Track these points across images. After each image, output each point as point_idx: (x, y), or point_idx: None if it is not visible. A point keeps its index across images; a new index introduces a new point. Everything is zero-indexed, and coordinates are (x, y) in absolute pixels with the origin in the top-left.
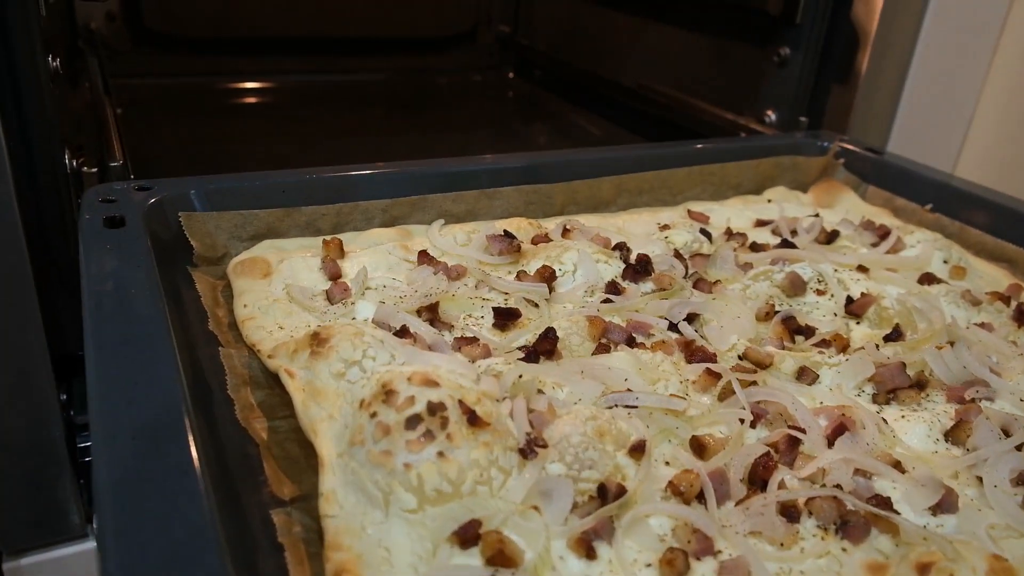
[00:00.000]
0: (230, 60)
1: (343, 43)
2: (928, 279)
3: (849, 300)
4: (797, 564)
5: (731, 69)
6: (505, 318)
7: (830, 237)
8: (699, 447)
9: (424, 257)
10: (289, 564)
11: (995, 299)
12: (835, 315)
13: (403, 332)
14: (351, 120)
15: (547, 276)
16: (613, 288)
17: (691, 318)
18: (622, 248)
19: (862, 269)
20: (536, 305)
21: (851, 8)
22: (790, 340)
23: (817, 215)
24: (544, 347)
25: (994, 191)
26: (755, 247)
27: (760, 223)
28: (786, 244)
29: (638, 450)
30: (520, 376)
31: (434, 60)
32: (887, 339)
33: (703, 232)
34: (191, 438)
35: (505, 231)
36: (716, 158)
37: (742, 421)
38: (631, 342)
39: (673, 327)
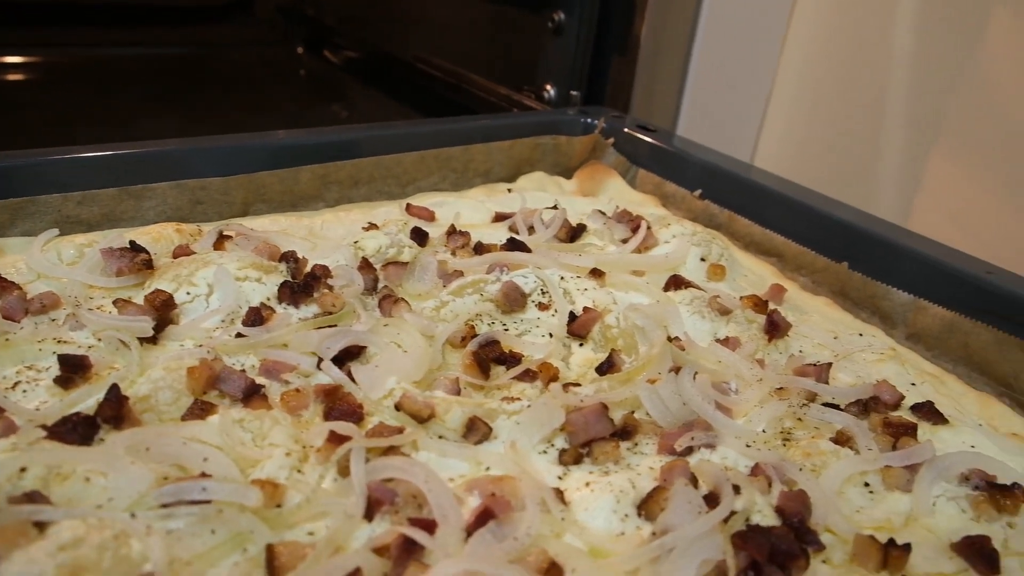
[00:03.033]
0: None
1: (95, 10)
2: (676, 282)
3: (572, 317)
4: None
5: (509, 40)
6: (71, 370)
7: (574, 232)
8: (272, 565)
9: None
10: None
11: (749, 305)
12: (550, 337)
13: None
14: (110, 102)
15: (158, 304)
16: (256, 316)
17: (355, 352)
18: (289, 259)
19: (596, 274)
20: (130, 348)
21: None
22: (483, 375)
23: (555, 206)
24: (106, 413)
25: (767, 173)
26: (479, 248)
27: (500, 217)
28: (514, 244)
29: None
30: (22, 471)
31: (208, 33)
32: (600, 370)
33: (416, 232)
34: None
35: (132, 243)
36: (460, 138)
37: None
38: (251, 395)
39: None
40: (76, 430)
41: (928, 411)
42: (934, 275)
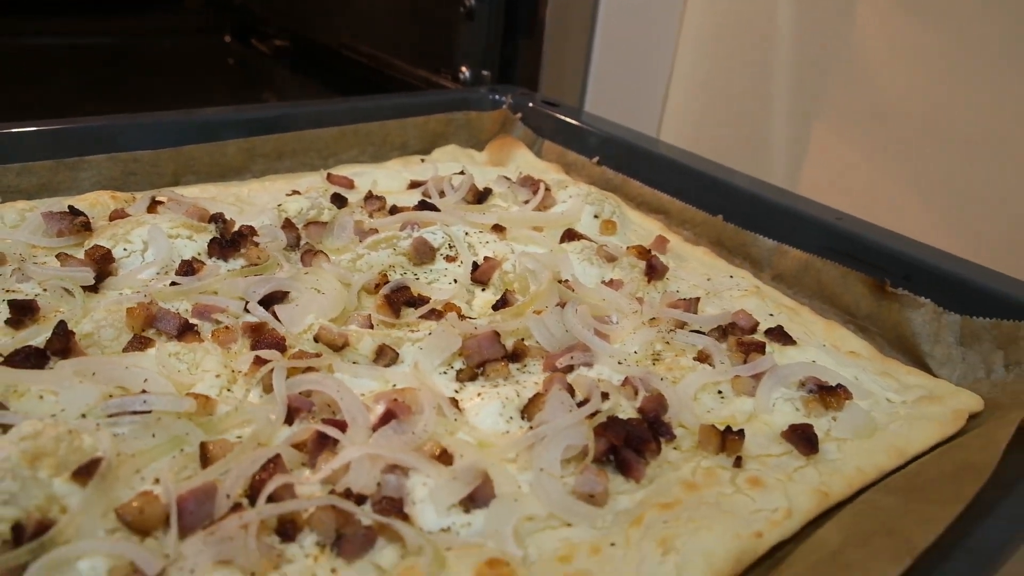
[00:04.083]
0: None
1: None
2: (570, 235)
3: (475, 267)
4: None
5: (425, 24)
6: (20, 313)
7: (481, 196)
8: (206, 457)
9: None
10: None
11: (633, 253)
12: (455, 283)
13: None
14: (39, 92)
15: (97, 258)
16: (188, 268)
17: (278, 297)
18: (218, 220)
19: (498, 229)
20: (73, 295)
21: None
22: (393, 314)
23: (463, 172)
24: (55, 346)
25: (654, 140)
26: (394, 210)
27: (414, 184)
28: (426, 206)
29: (83, 474)
30: None
31: (135, 23)
32: (496, 307)
33: (336, 197)
34: None
35: (70, 207)
36: (377, 115)
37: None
38: (184, 331)
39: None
40: (29, 359)
41: (778, 334)
42: (793, 222)
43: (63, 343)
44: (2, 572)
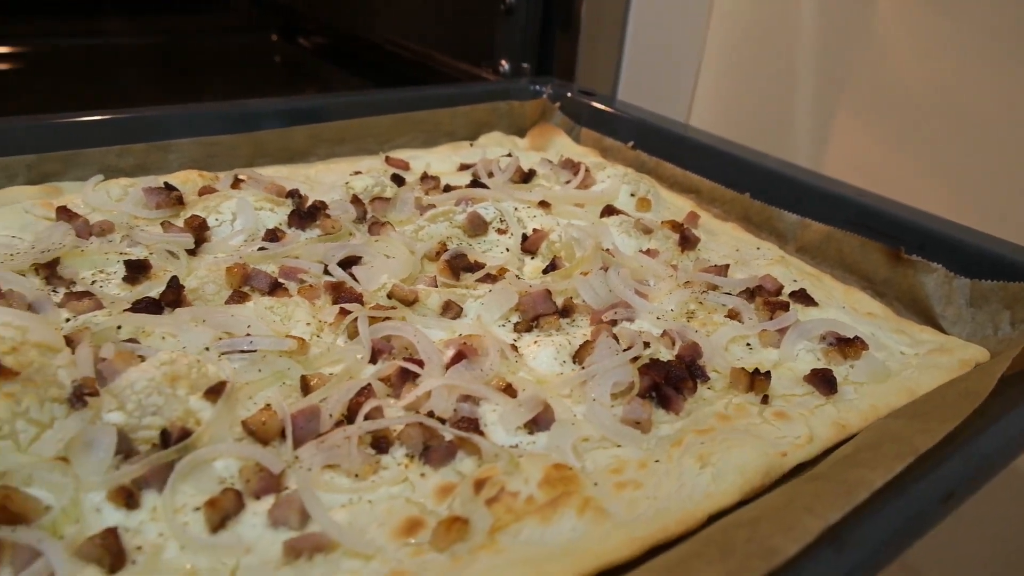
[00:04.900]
0: None
1: (84, 3)
2: (609, 211)
3: (525, 238)
4: (368, 493)
5: (467, 21)
6: (136, 271)
7: (526, 176)
8: (306, 387)
9: (63, 213)
10: None
11: (667, 227)
12: (507, 251)
13: None
14: (92, 90)
15: (196, 226)
16: (272, 235)
17: (351, 261)
18: (295, 195)
19: (543, 205)
20: (177, 257)
21: None
22: (454, 277)
23: (510, 154)
24: (168, 298)
25: (685, 125)
26: (448, 189)
27: (464, 167)
28: (477, 185)
29: (215, 392)
30: (118, 328)
31: (188, 23)
32: (545, 271)
33: (395, 177)
34: None
35: (166, 183)
36: (426, 104)
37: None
38: (274, 288)
39: (329, 271)
40: (148, 307)
41: (801, 296)
42: (816, 198)
43: (175, 295)
44: (155, 468)
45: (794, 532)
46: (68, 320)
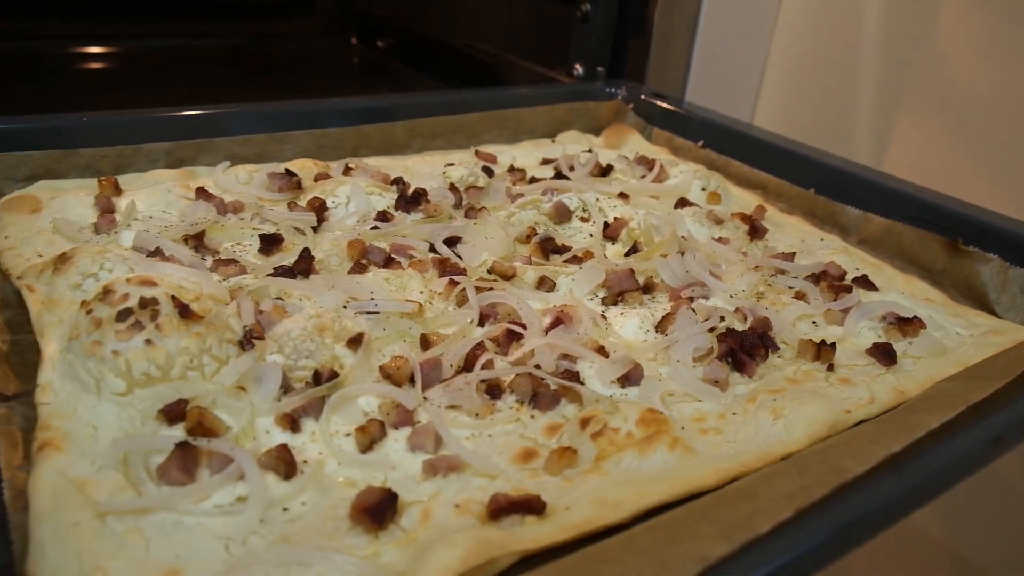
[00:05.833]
0: (61, 24)
1: (176, 6)
2: (683, 203)
3: (606, 225)
4: (487, 429)
5: (543, 27)
6: (269, 244)
7: (604, 171)
8: (426, 343)
9: (201, 193)
10: (2, 449)
11: (737, 218)
12: (591, 236)
13: (157, 253)
14: (187, 89)
15: (317, 207)
16: (383, 217)
17: (453, 241)
18: (399, 182)
19: (623, 196)
20: (303, 232)
21: None
22: (544, 258)
23: (590, 151)
24: (300, 266)
25: (752, 126)
26: (533, 181)
27: (546, 162)
28: (560, 177)
29: (355, 342)
30: (263, 288)
31: (274, 26)
32: (627, 255)
33: (485, 169)
34: None
35: (287, 169)
36: (510, 103)
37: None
38: (389, 262)
39: (434, 249)
40: (285, 274)
41: (863, 281)
42: (879, 195)
43: (307, 264)
44: (311, 400)
45: (862, 457)
46: (220, 282)
